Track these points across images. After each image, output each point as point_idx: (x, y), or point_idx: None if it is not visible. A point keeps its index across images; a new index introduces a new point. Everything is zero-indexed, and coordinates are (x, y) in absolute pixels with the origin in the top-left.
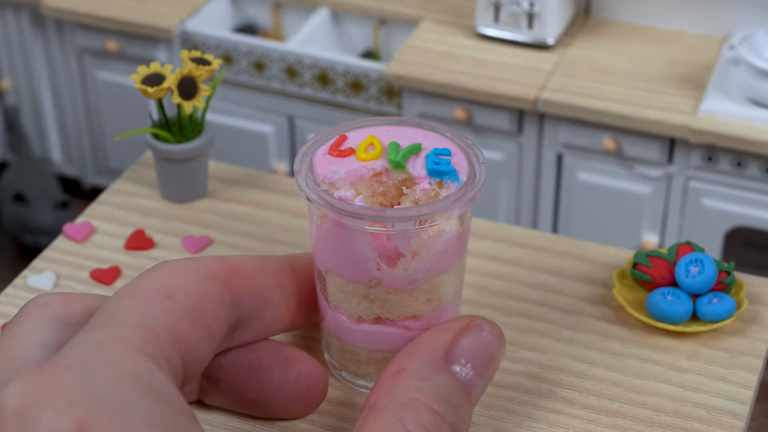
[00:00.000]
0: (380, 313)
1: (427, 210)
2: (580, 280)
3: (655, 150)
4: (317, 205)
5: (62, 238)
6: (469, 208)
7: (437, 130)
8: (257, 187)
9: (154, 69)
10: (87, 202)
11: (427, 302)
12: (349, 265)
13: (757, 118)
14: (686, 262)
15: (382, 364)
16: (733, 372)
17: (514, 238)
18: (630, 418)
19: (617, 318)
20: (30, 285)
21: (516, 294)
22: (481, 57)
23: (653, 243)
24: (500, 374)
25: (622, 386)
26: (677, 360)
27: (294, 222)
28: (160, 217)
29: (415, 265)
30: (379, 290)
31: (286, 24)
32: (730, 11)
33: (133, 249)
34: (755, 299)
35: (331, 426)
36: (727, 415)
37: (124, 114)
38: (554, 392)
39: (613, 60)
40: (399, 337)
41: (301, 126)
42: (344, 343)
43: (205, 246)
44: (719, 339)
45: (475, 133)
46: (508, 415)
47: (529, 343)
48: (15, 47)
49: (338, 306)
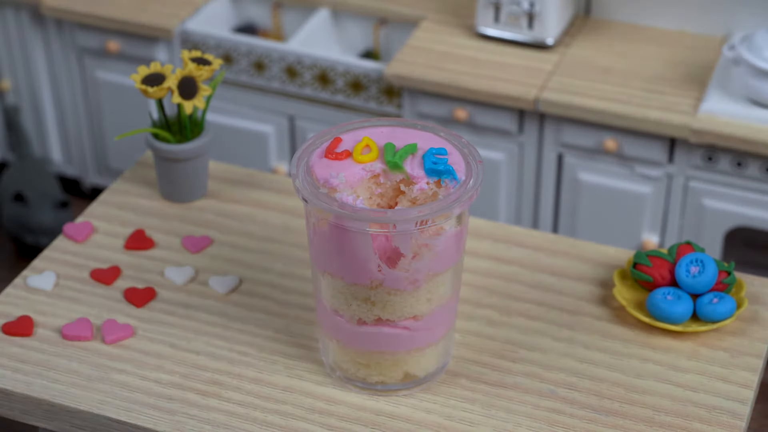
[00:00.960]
0: (381, 314)
1: (427, 210)
2: (580, 280)
3: (656, 150)
4: (317, 208)
5: (62, 238)
6: (467, 208)
7: (431, 129)
8: (257, 187)
9: (155, 69)
10: (87, 202)
11: (427, 302)
12: (350, 268)
13: (757, 118)
14: (686, 262)
15: (383, 366)
16: (733, 372)
17: (514, 238)
18: (630, 418)
19: (617, 318)
20: (30, 285)
21: (516, 294)
22: (481, 57)
23: (653, 243)
24: (500, 374)
25: (622, 386)
26: (677, 360)
27: (294, 222)
28: (160, 217)
29: (416, 266)
30: (381, 291)
31: (286, 24)
32: (730, 11)
33: (133, 249)
34: (755, 299)
35: (331, 426)
36: (727, 415)
37: (124, 114)
38: (554, 392)
39: (613, 60)
40: (400, 338)
41: (301, 126)
42: (344, 346)
43: (205, 246)
44: (719, 339)
45: (475, 133)
46: (508, 415)
47: (529, 343)
48: (15, 47)
49: (337, 309)
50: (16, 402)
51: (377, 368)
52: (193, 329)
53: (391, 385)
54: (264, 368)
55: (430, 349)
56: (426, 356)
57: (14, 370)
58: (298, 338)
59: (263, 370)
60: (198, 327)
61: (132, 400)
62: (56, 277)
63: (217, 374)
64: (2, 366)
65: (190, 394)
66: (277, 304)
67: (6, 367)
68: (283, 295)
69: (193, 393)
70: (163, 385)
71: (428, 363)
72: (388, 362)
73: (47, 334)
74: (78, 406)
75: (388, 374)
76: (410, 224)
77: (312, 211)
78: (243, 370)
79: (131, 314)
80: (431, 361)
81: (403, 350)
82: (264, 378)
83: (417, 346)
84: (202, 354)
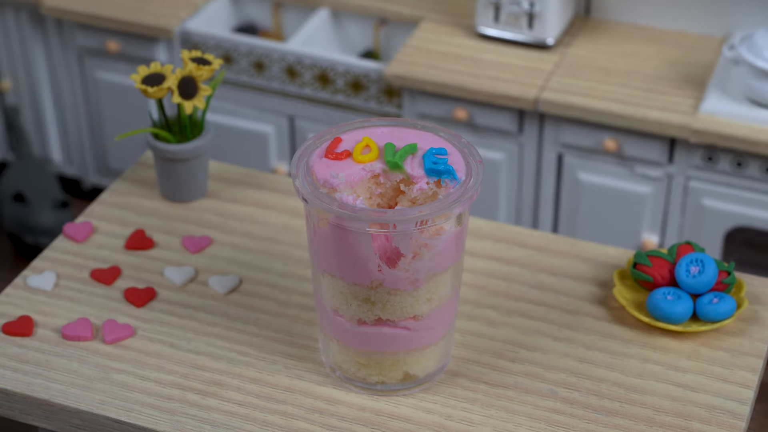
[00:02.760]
0: (381, 314)
1: (427, 210)
2: (580, 280)
3: (656, 150)
4: (317, 208)
5: (62, 238)
6: (467, 208)
7: (431, 129)
8: (257, 187)
9: (155, 69)
10: (87, 202)
11: (427, 302)
12: (350, 268)
13: (757, 118)
14: (686, 262)
15: (383, 366)
16: (733, 372)
17: (514, 238)
18: (630, 417)
19: (617, 318)
20: (30, 285)
21: (516, 294)
22: (481, 57)
23: (653, 243)
24: (500, 374)
25: (622, 386)
26: (677, 360)
27: (294, 222)
28: (160, 217)
29: (415, 265)
30: (381, 291)
31: (286, 24)
32: (730, 11)
33: (134, 249)
34: (755, 299)
35: (331, 426)
36: (728, 415)
37: (124, 114)
38: (554, 392)
39: (613, 60)
40: (400, 338)
41: (301, 126)
42: (344, 346)
43: (205, 246)
44: (719, 339)
45: (475, 133)
46: (508, 414)
47: (529, 343)
48: (15, 47)
49: (338, 309)
50: (16, 402)
51: (377, 368)
52: (193, 329)
53: (391, 385)
54: (264, 368)
55: (430, 349)
56: (426, 356)
57: (14, 370)
58: (298, 338)
59: (263, 370)
60: (198, 327)
61: (132, 400)
62: (56, 277)
63: (217, 374)
64: (2, 366)
65: (190, 394)
66: (277, 304)
67: (6, 367)
68: (283, 295)
69: (193, 393)
70: (163, 385)
71: (428, 363)
72: (388, 362)
73: (47, 334)
74: (78, 406)
75: (388, 374)
76: (410, 224)
77: (312, 211)
78: (243, 370)
79: (131, 314)
80: (431, 361)
81: (403, 350)
82: (264, 378)
83: (417, 346)
84: (202, 354)
